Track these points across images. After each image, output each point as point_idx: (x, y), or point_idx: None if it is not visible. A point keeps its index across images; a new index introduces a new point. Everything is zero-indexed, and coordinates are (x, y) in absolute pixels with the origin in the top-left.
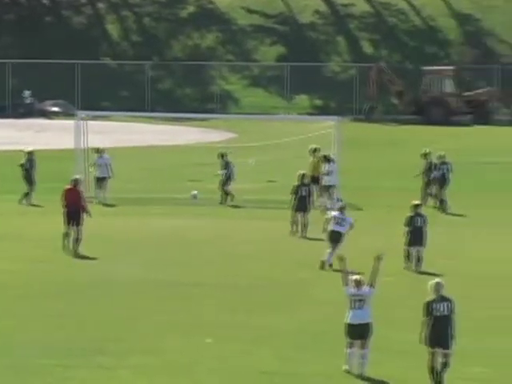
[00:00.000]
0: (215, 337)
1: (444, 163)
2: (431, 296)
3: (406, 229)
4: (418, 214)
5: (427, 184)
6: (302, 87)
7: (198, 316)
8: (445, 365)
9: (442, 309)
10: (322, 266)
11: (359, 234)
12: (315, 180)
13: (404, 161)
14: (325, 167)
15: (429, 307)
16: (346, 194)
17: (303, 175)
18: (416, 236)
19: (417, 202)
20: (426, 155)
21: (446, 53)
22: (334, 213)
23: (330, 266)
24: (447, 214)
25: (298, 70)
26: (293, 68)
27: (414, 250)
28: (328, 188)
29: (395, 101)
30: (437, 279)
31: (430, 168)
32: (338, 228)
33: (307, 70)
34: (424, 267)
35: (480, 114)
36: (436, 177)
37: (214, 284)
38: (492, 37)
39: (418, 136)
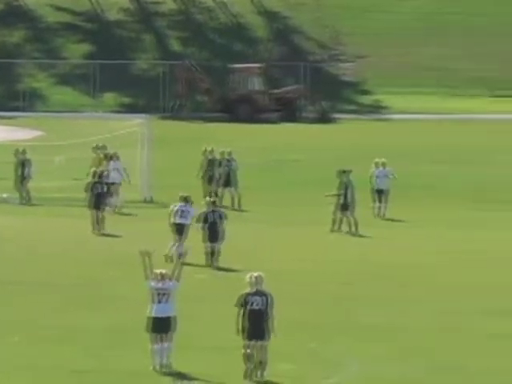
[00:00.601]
0: (24, 336)
1: (229, 160)
2: (248, 289)
3: (200, 225)
4: (213, 211)
5: (209, 181)
6: (110, 85)
7: (5, 314)
8: (261, 362)
9: (256, 302)
10: (166, 259)
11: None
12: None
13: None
14: (108, 165)
15: (243, 299)
16: (155, 192)
17: (101, 173)
18: (211, 232)
19: (212, 199)
20: (205, 152)
21: (254, 50)
22: (179, 205)
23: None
24: (242, 210)
25: (106, 68)
26: (101, 66)
27: (209, 246)
28: (111, 185)
29: (204, 98)
30: (256, 273)
31: (212, 165)
32: (181, 220)
33: (115, 68)
34: (228, 263)
35: (288, 112)
36: (220, 174)
37: (22, 282)
38: (300, 34)
39: (226, 133)
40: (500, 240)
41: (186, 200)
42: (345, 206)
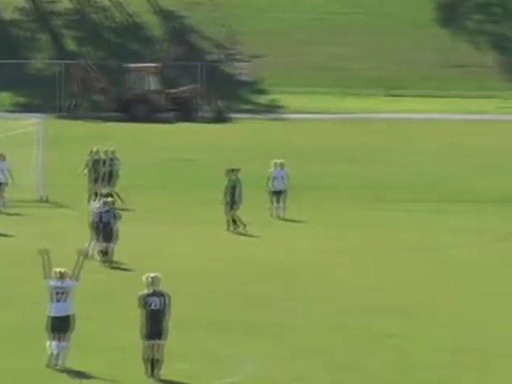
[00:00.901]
0: None
1: (112, 159)
2: (146, 290)
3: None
4: (108, 211)
5: (95, 180)
6: (5, 84)
7: None
8: (158, 361)
9: (155, 303)
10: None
11: (70, 231)
12: None
13: None
14: None
15: (143, 300)
16: (51, 191)
17: None
18: (105, 232)
19: (108, 199)
20: (91, 153)
21: (150, 50)
22: (96, 205)
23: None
24: (127, 210)
25: (1, 67)
26: None
27: (104, 246)
28: None
29: (100, 98)
30: (153, 273)
31: (97, 164)
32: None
33: (10, 67)
34: (124, 263)
35: (184, 112)
36: (105, 172)
37: None
38: (196, 34)
39: (122, 133)
40: (394, 239)
41: (104, 201)
42: (232, 205)
